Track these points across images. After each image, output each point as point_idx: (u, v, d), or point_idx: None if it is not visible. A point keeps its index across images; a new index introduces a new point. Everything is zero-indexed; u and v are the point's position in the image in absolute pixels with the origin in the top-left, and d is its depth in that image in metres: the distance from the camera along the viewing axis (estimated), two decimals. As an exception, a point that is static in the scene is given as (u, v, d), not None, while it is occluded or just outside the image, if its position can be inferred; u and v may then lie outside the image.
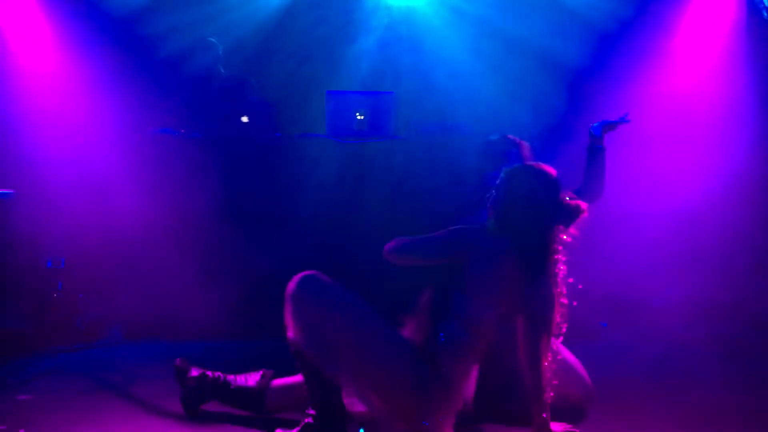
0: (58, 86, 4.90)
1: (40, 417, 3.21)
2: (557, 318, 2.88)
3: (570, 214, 2.85)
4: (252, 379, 3.19)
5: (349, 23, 6.02)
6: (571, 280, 3.02)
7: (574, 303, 3.56)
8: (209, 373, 3.22)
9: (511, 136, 3.76)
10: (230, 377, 3.21)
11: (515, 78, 5.44)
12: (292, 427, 2.87)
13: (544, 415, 2.87)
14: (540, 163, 2.93)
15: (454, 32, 5.79)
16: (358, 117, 4.64)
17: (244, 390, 3.17)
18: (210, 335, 4.44)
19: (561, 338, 3.44)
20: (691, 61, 5.13)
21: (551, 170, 2.88)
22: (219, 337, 4.43)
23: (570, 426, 3.01)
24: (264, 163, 4.63)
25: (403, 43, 5.91)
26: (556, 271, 2.85)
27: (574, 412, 3.21)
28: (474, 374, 3.11)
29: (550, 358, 2.89)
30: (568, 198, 2.87)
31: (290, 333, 2.76)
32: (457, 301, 2.74)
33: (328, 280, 2.81)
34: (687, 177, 4.87)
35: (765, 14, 4.86)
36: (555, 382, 2.91)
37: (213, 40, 5.17)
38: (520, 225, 2.81)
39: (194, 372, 3.22)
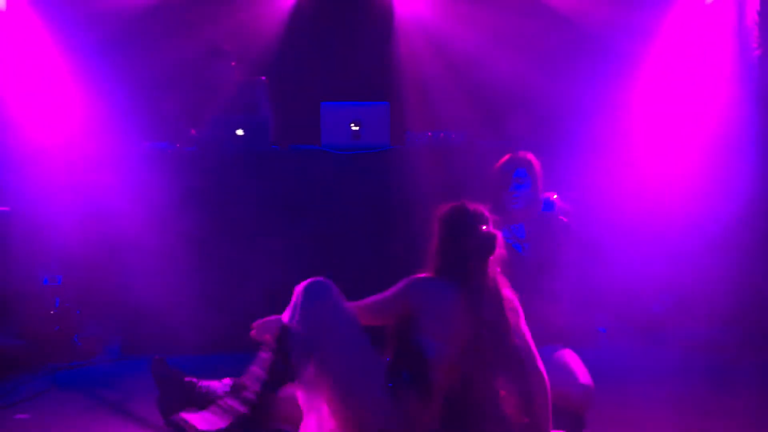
0: (54, 100, 4.90)
1: (38, 436, 3.21)
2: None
3: (483, 246, 2.90)
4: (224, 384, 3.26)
5: (344, 34, 6.05)
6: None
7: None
8: (187, 378, 3.28)
9: (522, 154, 3.78)
10: (204, 383, 3.27)
11: (511, 86, 5.46)
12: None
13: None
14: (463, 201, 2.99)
15: (451, 41, 5.82)
16: (353, 128, 4.64)
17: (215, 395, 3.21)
18: (208, 349, 4.41)
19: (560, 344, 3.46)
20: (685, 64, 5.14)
21: (472, 205, 2.97)
22: (217, 351, 4.40)
23: None
24: (260, 176, 4.62)
25: (399, 53, 5.93)
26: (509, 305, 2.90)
27: (573, 417, 3.19)
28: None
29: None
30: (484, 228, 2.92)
31: (286, 317, 2.89)
32: (414, 344, 2.82)
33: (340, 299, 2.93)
34: (687, 182, 4.86)
35: None
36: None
37: (225, 48, 5.16)
38: (449, 261, 2.90)
39: (175, 376, 3.27)
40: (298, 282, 3.36)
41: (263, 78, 5.28)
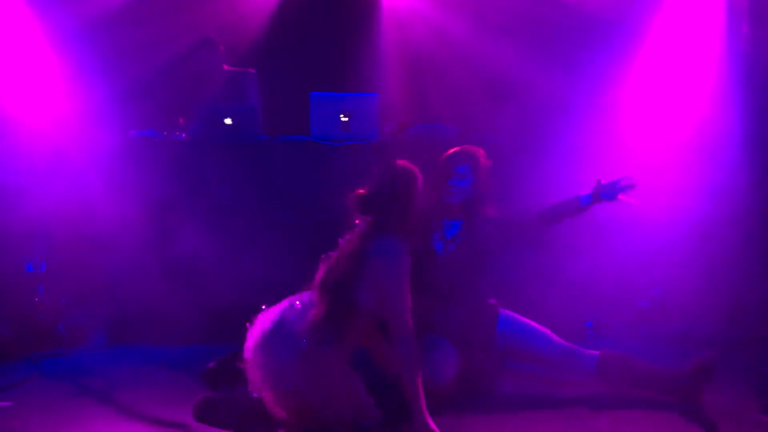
0: (40, 88, 4.86)
1: (21, 424, 3.18)
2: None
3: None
4: None
5: (334, 24, 6.03)
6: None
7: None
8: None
9: (469, 149, 3.76)
10: None
11: (502, 78, 5.45)
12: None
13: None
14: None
15: (443, 33, 5.81)
16: (343, 119, 4.62)
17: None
18: (194, 339, 4.39)
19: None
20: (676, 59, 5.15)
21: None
22: (203, 341, 4.38)
23: None
24: (248, 166, 4.60)
25: (389, 44, 5.92)
26: None
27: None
28: None
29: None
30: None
31: None
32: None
33: None
34: (675, 175, 4.87)
35: None
36: None
37: (212, 37, 5.15)
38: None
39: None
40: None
41: (252, 70, 5.26)
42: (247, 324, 3.13)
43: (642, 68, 5.10)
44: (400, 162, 3.22)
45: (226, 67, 5.21)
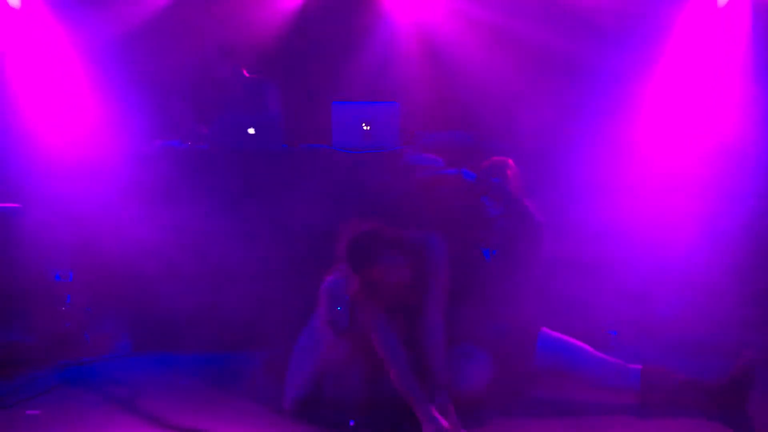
0: (66, 98, 4.93)
1: (48, 432, 3.23)
2: None
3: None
4: None
5: (355, 33, 6.04)
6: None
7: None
8: None
9: (498, 161, 3.80)
10: None
11: (522, 86, 5.45)
12: None
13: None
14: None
15: (461, 41, 5.81)
16: (364, 127, 4.64)
17: None
18: (218, 347, 4.43)
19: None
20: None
21: None
22: (227, 349, 4.42)
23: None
24: (271, 175, 4.63)
25: (410, 53, 5.93)
26: None
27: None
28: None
29: None
30: None
31: None
32: None
33: None
34: (698, 182, 4.84)
35: None
36: None
37: (230, 46, 5.19)
38: None
39: None
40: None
41: (271, 77, 5.29)
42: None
43: (665, 72, 5.07)
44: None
45: (245, 73, 5.25)
